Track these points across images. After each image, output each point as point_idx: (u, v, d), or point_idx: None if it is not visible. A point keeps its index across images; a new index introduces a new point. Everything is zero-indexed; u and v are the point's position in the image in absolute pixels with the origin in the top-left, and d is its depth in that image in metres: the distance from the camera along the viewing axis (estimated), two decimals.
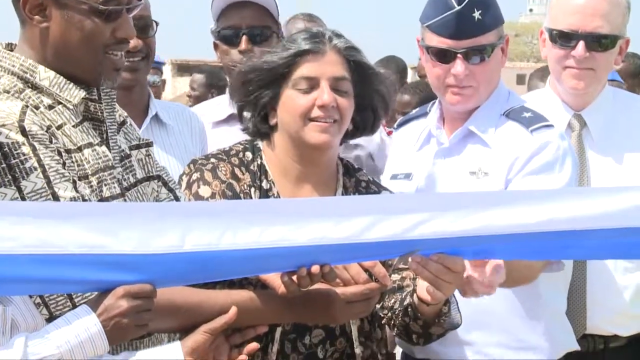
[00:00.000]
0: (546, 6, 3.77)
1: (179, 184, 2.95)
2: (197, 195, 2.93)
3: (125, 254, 2.31)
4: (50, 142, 2.48)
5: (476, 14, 3.27)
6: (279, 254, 2.44)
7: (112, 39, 2.59)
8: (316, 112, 2.92)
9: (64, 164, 2.49)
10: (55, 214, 2.30)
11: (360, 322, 3.00)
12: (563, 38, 3.62)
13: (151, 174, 2.80)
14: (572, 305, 3.58)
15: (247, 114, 3.09)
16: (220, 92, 7.89)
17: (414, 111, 3.77)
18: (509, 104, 3.41)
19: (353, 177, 3.11)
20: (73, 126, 2.57)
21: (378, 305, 2.94)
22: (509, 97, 3.45)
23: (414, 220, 2.47)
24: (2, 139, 2.40)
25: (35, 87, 2.56)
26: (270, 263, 2.52)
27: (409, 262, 2.67)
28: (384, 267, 2.78)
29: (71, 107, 2.57)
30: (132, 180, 2.70)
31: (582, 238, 2.56)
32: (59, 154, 2.49)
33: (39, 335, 2.30)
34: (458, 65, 3.31)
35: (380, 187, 3.18)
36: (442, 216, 2.49)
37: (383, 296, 2.92)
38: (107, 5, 2.55)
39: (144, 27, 3.50)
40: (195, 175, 2.96)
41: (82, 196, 2.48)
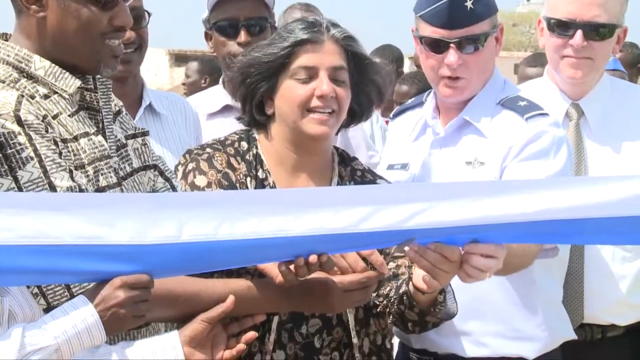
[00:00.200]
0: None
1: (175, 174, 2.95)
2: (193, 185, 2.92)
3: (122, 244, 2.31)
4: (46, 131, 2.47)
5: (468, 3, 3.26)
6: (276, 244, 2.44)
7: (109, 27, 2.58)
8: (315, 102, 2.92)
9: (60, 153, 2.48)
10: (52, 205, 2.29)
11: (357, 311, 3.00)
12: (561, 27, 3.61)
13: (147, 163, 2.79)
14: (569, 295, 3.58)
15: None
16: (213, 80, 7.89)
17: (409, 101, 3.76)
18: (505, 93, 3.40)
19: (348, 166, 3.11)
20: (69, 116, 2.56)
21: (374, 294, 2.94)
22: (505, 86, 3.44)
23: (412, 210, 2.47)
24: None
25: (31, 77, 2.55)
26: (268, 253, 2.52)
27: (406, 251, 2.66)
28: (382, 256, 2.78)
29: (67, 96, 2.57)
30: (128, 169, 2.70)
31: (580, 227, 2.56)
32: (55, 143, 2.48)
33: (36, 326, 2.30)
34: (451, 55, 3.30)
35: (375, 175, 3.18)
36: (440, 206, 2.49)
37: (380, 284, 2.92)
38: None
39: (136, 18, 3.47)
40: (191, 165, 2.96)
41: (79, 186, 2.48)
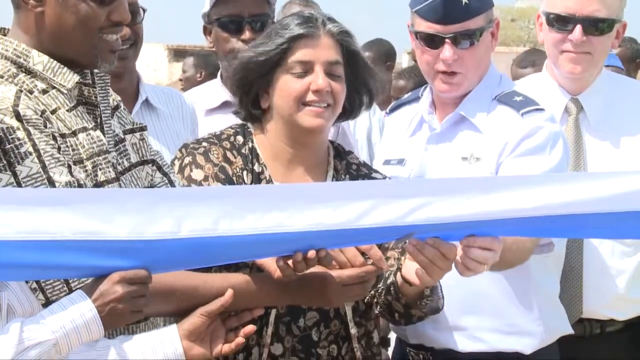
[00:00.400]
0: None
1: (171, 168, 2.95)
2: (189, 178, 2.92)
3: (120, 239, 2.31)
4: (45, 126, 2.47)
5: None
6: (275, 240, 2.44)
7: (107, 22, 2.58)
8: (310, 97, 2.93)
9: (58, 148, 2.48)
10: (51, 200, 2.29)
11: (354, 303, 3.00)
12: (560, 22, 3.60)
13: (145, 158, 2.79)
14: (568, 290, 3.57)
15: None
16: (208, 74, 7.87)
17: (405, 96, 3.76)
18: (501, 88, 3.39)
19: (344, 159, 3.12)
20: (67, 110, 2.56)
21: None
22: (501, 81, 3.43)
23: (410, 206, 2.47)
24: None
25: (29, 72, 2.55)
26: (267, 248, 2.52)
27: (405, 245, 2.66)
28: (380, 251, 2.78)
29: (65, 91, 2.57)
30: (126, 164, 2.69)
31: (578, 222, 2.56)
32: (54, 138, 2.48)
33: (35, 321, 2.31)
34: (446, 50, 3.29)
35: (370, 169, 3.18)
36: (438, 201, 2.49)
37: (378, 279, 2.92)
38: None
39: (131, 14, 3.40)
40: (188, 159, 2.96)
41: (77, 180, 2.48)
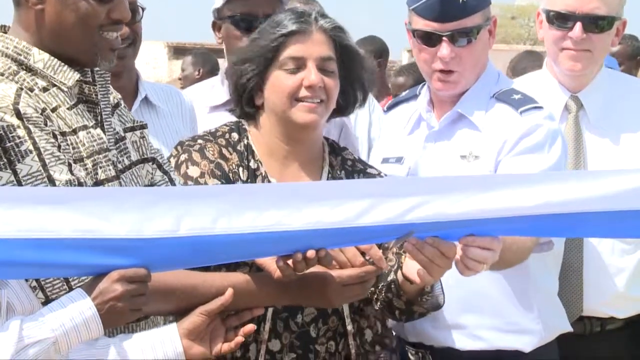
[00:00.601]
0: None
1: (171, 166, 2.95)
2: (186, 175, 2.92)
3: (120, 238, 2.31)
4: (45, 124, 2.47)
5: None
6: (274, 239, 2.44)
7: (107, 20, 2.58)
8: (303, 93, 2.93)
9: (59, 146, 2.48)
10: (50, 199, 2.29)
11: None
12: (560, 19, 3.60)
13: (146, 156, 2.79)
14: (568, 288, 3.57)
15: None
16: (206, 72, 7.86)
17: (403, 93, 3.75)
18: (498, 86, 3.39)
19: (339, 155, 3.12)
20: (68, 108, 2.56)
21: None
22: (499, 79, 3.43)
23: (409, 204, 2.47)
24: None
25: (30, 70, 2.54)
26: (266, 247, 2.52)
27: (404, 244, 2.66)
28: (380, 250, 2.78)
29: (65, 89, 2.56)
30: (126, 162, 2.69)
31: (578, 220, 2.56)
32: (54, 136, 2.48)
33: (34, 319, 2.31)
34: (444, 49, 3.29)
35: (366, 165, 3.19)
36: (438, 200, 2.49)
37: (378, 279, 2.92)
38: None
39: (130, 12, 3.46)
40: (184, 156, 2.96)
41: (78, 179, 2.48)
